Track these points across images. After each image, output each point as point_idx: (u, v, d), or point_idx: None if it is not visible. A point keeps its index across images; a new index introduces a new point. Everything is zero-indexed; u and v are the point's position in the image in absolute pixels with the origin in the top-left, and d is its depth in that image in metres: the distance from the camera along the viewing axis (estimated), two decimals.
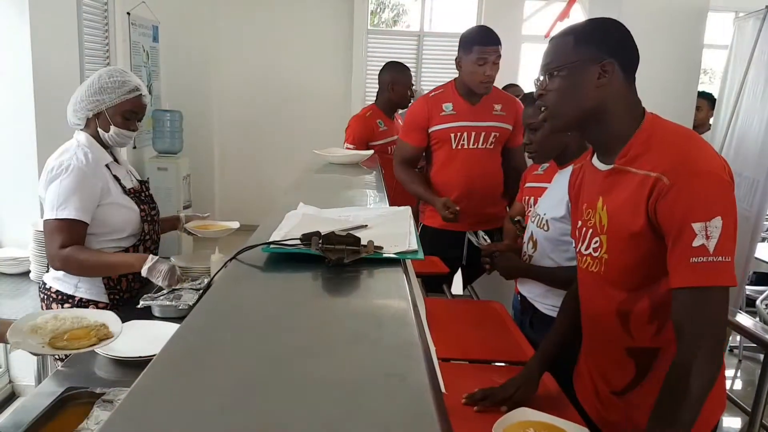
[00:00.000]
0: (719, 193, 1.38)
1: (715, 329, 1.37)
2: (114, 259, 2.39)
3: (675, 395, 1.36)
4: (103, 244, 2.41)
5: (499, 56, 3.09)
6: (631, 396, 1.62)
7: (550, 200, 2.27)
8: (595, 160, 1.64)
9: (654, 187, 1.41)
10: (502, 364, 2.15)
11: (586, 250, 1.65)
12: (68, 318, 1.87)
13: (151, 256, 2.35)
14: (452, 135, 3.18)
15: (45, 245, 2.35)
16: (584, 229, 1.66)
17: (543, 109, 1.62)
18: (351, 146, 3.86)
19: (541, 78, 1.60)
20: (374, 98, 4.36)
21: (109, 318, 1.91)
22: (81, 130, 2.44)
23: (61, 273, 2.40)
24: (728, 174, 1.42)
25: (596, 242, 1.60)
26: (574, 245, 1.82)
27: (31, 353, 1.83)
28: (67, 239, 2.28)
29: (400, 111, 4.35)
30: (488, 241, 2.65)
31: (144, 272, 2.31)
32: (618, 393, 1.65)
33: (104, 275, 2.41)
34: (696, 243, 1.33)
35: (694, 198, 1.37)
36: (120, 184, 2.46)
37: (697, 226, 1.34)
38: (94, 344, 1.80)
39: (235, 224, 2.95)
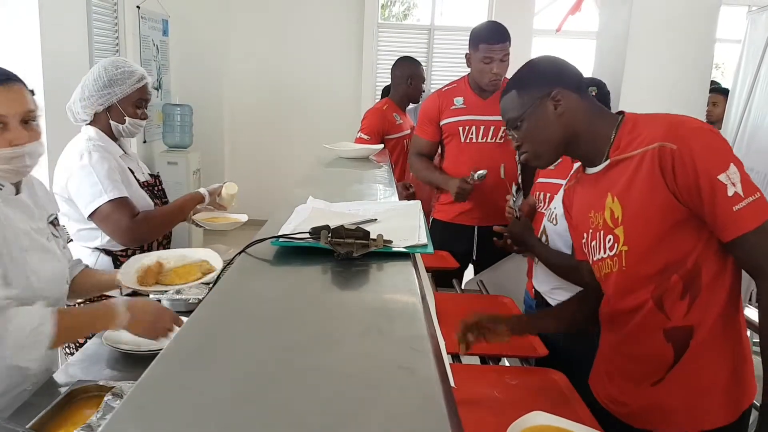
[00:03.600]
0: (720, 142, 1.47)
1: None
2: (178, 203, 2.57)
3: None
4: None
5: (507, 54, 3.08)
6: (665, 383, 1.61)
7: (561, 195, 2.27)
8: (587, 169, 1.71)
9: (661, 156, 1.47)
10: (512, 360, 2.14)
11: (602, 253, 1.65)
12: (172, 258, 2.08)
13: (202, 188, 2.61)
14: (460, 128, 3.18)
15: (109, 229, 2.31)
16: (595, 233, 1.66)
17: (522, 153, 1.73)
18: (366, 137, 3.85)
19: (510, 132, 1.73)
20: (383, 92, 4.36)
21: (210, 255, 2.11)
22: (88, 125, 2.41)
23: None
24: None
25: (610, 240, 1.60)
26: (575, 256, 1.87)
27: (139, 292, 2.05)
28: (129, 212, 2.29)
29: (411, 105, 4.35)
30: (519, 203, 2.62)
31: (207, 199, 2.58)
32: (655, 383, 1.63)
33: (178, 221, 2.58)
34: (730, 192, 1.40)
35: (706, 152, 1.44)
36: (134, 176, 2.47)
37: (722, 177, 1.41)
38: (199, 278, 2.01)
39: (244, 217, 2.95)
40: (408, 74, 4.12)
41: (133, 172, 2.47)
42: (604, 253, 1.63)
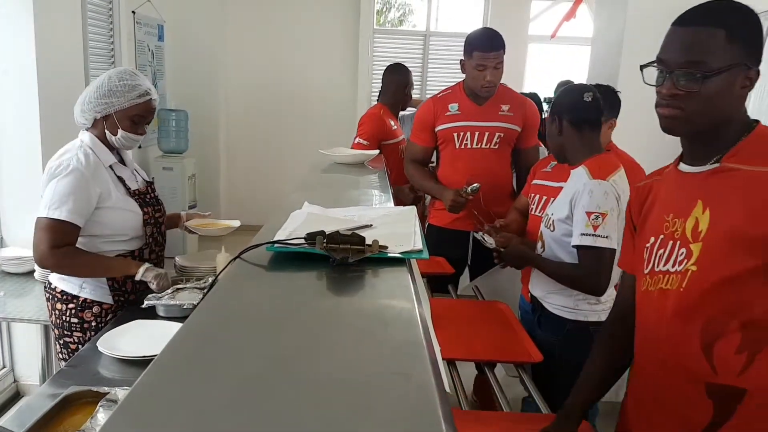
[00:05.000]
0: None
1: None
2: (109, 264, 2.39)
3: None
4: (108, 246, 2.39)
5: (501, 62, 3.08)
6: None
7: (559, 201, 2.28)
8: (682, 166, 1.44)
9: None
10: (508, 364, 2.13)
11: (669, 266, 1.40)
12: None
13: (146, 265, 2.38)
14: (455, 135, 3.19)
15: (34, 241, 2.27)
16: (666, 241, 1.42)
17: (671, 106, 1.35)
18: (365, 143, 3.85)
19: (675, 72, 1.33)
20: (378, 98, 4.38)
21: None
22: (87, 129, 2.39)
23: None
24: None
25: (683, 253, 1.36)
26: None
27: None
28: (59, 239, 2.24)
29: (402, 113, 4.38)
30: (492, 240, 2.62)
31: (139, 276, 2.36)
32: None
33: (100, 276, 2.40)
34: None
35: None
36: (124, 185, 2.43)
37: None
38: None
39: (236, 223, 2.94)
40: (404, 82, 4.16)
41: (124, 182, 2.43)
42: (672, 266, 1.39)
